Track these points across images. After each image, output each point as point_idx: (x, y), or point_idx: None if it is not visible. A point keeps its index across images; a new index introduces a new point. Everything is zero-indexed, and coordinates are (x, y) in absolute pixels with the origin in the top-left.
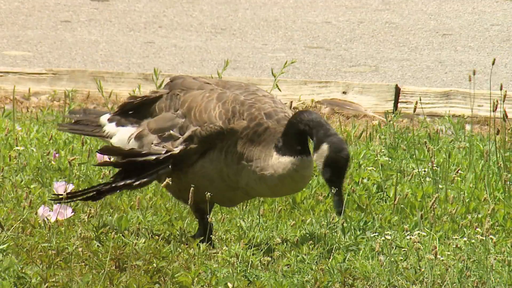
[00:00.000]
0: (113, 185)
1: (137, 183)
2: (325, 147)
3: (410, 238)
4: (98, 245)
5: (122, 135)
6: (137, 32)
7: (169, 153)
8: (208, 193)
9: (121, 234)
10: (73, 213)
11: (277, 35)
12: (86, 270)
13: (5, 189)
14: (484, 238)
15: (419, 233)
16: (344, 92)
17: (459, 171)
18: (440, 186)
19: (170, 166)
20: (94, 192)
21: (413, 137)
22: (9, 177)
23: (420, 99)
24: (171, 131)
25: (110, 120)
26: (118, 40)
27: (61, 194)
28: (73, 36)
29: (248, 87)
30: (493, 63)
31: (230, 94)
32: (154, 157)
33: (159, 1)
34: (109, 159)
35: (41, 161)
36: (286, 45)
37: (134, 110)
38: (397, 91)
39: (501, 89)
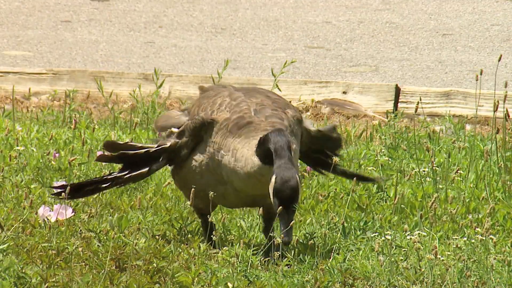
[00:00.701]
0: (104, 177)
1: (127, 176)
2: (273, 178)
3: (410, 238)
4: (98, 245)
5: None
6: (137, 32)
7: (160, 147)
8: (212, 193)
9: (121, 234)
10: (73, 213)
11: (277, 35)
12: (86, 270)
13: (5, 189)
14: (484, 238)
15: (419, 233)
16: (344, 92)
17: (459, 171)
18: (440, 186)
19: (164, 161)
20: (84, 184)
21: (413, 137)
22: (9, 177)
23: (421, 99)
24: (172, 128)
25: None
26: (118, 40)
27: (56, 187)
28: (73, 36)
29: (259, 89)
30: (499, 60)
31: (229, 92)
32: (144, 151)
33: (159, 1)
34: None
35: (41, 161)
36: (286, 45)
37: None
38: (397, 91)
39: (505, 86)
